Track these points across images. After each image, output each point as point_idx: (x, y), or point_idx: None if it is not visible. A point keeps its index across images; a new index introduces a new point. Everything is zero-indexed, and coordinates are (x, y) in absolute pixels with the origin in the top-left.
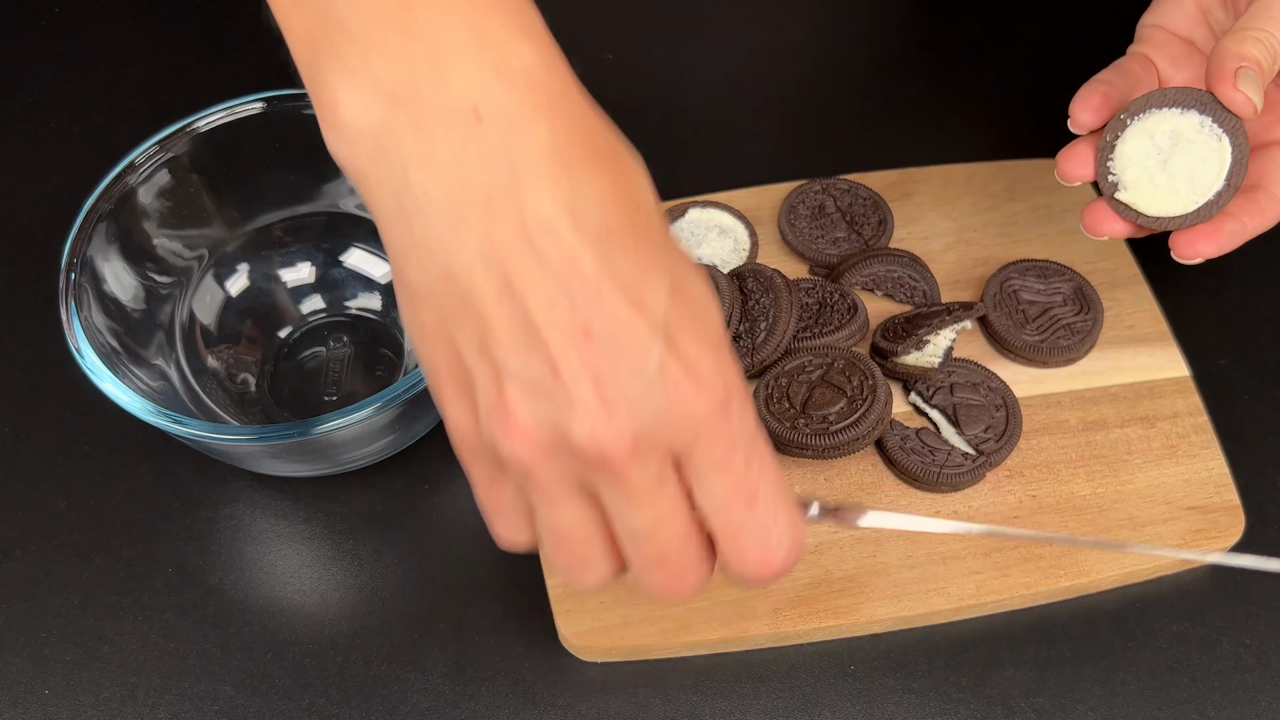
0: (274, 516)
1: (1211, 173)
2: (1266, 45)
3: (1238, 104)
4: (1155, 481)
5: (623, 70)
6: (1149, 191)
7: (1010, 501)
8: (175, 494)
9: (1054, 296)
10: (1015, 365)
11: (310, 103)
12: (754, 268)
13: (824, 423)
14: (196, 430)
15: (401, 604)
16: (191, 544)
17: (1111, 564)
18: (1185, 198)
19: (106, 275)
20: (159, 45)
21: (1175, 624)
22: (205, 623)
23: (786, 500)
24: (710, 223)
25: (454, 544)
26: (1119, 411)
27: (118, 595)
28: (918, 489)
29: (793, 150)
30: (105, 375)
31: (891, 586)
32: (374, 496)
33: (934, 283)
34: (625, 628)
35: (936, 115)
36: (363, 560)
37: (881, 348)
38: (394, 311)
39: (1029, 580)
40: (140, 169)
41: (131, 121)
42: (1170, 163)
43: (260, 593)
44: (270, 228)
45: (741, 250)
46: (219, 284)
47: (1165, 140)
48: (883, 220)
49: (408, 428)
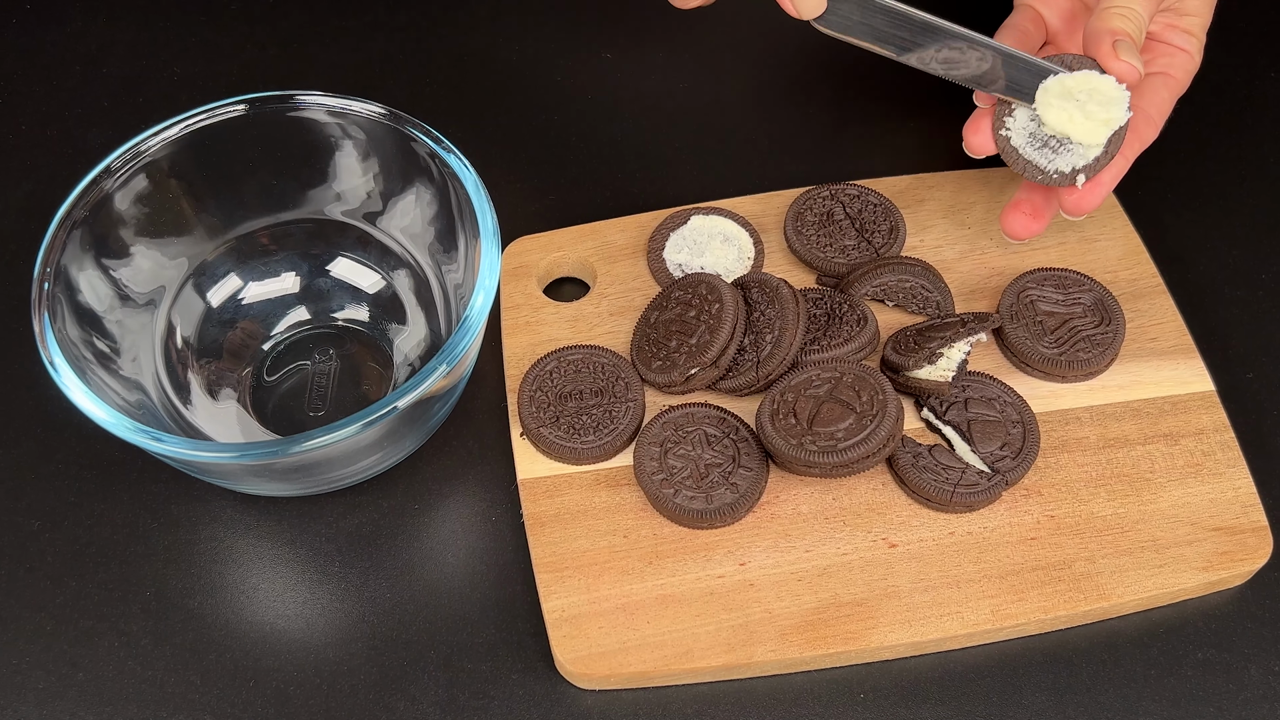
0: (257, 538)
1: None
2: (1131, 20)
3: (1122, 72)
4: (1179, 501)
5: (622, 70)
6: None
7: (1027, 522)
8: (153, 514)
9: (1073, 307)
10: (1032, 379)
11: (294, 104)
12: (759, 277)
13: (832, 440)
14: (175, 447)
15: (390, 629)
16: (170, 566)
17: (1134, 587)
18: (1074, 154)
19: (81, 285)
20: (135, 43)
21: (1201, 650)
22: (184, 649)
23: None
24: (713, 230)
25: (445, 567)
26: (1141, 428)
27: (93, 620)
28: (930, 509)
29: (800, 154)
30: (80, 389)
31: (903, 611)
32: (361, 517)
33: (947, 293)
34: (624, 654)
35: (950, 117)
36: (349, 584)
37: (892, 361)
38: (383, 323)
39: (1047, 604)
40: (116, 174)
41: (107, 123)
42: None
43: (242, 618)
44: (253, 235)
45: (746, 259)
46: (199, 294)
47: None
48: (894, 227)
49: (397, 445)
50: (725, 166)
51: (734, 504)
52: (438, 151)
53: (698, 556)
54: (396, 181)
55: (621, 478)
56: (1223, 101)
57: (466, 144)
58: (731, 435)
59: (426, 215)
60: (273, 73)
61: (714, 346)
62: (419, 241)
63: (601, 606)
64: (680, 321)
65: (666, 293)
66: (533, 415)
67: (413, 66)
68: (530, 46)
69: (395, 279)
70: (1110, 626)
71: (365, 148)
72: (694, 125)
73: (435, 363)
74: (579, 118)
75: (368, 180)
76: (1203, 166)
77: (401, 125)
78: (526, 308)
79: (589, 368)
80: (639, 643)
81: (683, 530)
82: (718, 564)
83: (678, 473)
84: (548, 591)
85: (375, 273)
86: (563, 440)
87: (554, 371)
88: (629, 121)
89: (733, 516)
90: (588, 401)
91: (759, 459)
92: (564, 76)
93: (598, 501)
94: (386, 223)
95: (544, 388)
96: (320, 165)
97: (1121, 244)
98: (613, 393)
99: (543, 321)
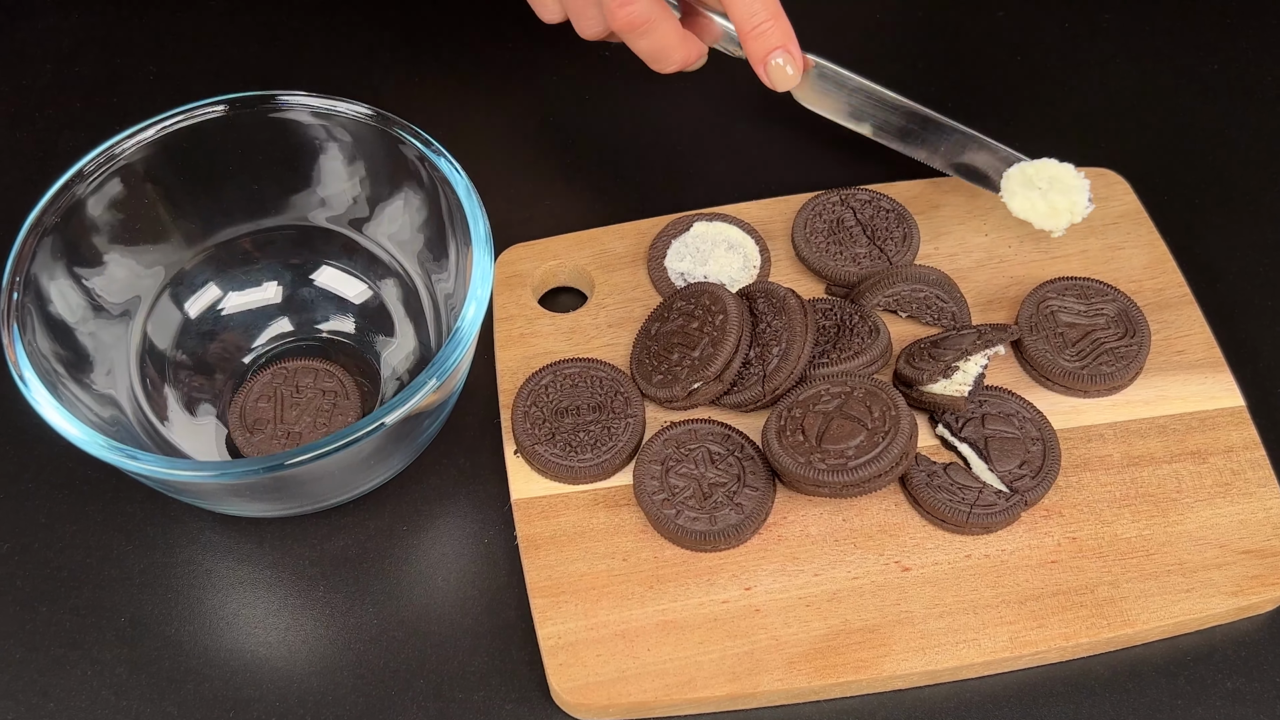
0: (237, 561)
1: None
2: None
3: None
4: (1207, 522)
5: (622, 68)
6: None
7: (1048, 544)
8: (128, 536)
9: (1096, 319)
10: (1053, 394)
11: (276, 105)
12: (765, 287)
13: (842, 458)
14: (151, 466)
15: (377, 657)
16: (146, 591)
17: (1160, 613)
18: None
19: (52, 295)
20: (109, 40)
21: (1230, 679)
22: (161, 678)
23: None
24: (717, 237)
25: (435, 591)
26: (1167, 445)
27: (65, 648)
28: (945, 530)
29: (808, 157)
30: (51, 405)
31: (917, 637)
32: (347, 539)
33: (964, 303)
34: (624, 682)
35: (967, 118)
36: (334, 609)
37: (906, 375)
38: (369, 335)
39: (1068, 631)
40: (89, 178)
41: (79, 125)
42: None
43: (222, 645)
44: (233, 243)
45: (751, 267)
46: (177, 305)
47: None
48: (907, 234)
49: (384, 463)
50: (729, 170)
51: (739, 525)
52: (427, 154)
53: (701, 581)
54: (384, 186)
55: (621, 498)
56: (1253, 104)
57: (457, 146)
58: (736, 453)
59: (415, 221)
60: (254, 71)
61: (718, 360)
62: (407, 249)
63: (600, 633)
64: (682, 333)
65: (668, 303)
66: (527, 432)
67: (401, 65)
68: (524, 43)
69: (383, 288)
70: (1135, 655)
71: (351, 150)
72: (696, 126)
73: (425, 377)
74: (576, 118)
75: (354, 184)
76: (1232, 171)
77: (389, 127)
78: (521, 319)
79: (586, 382)
80: (639, 671)
81: (685, 553)
82: (722, 588)
83: (680, 492)
84: (543, 617)
85: (362, 282)
86: (559, 458)
87: (550, 386)
88: (628, 123)
89: (738, 538)
90: (585, 418)
91: (765, 478)
92: (559, 77)
93: (596, 523)
94: (373, 229)
95: (539, 403)
96: (304, 169)
97: (1147, 252)
98: (611, 408)
99: (538, 333)
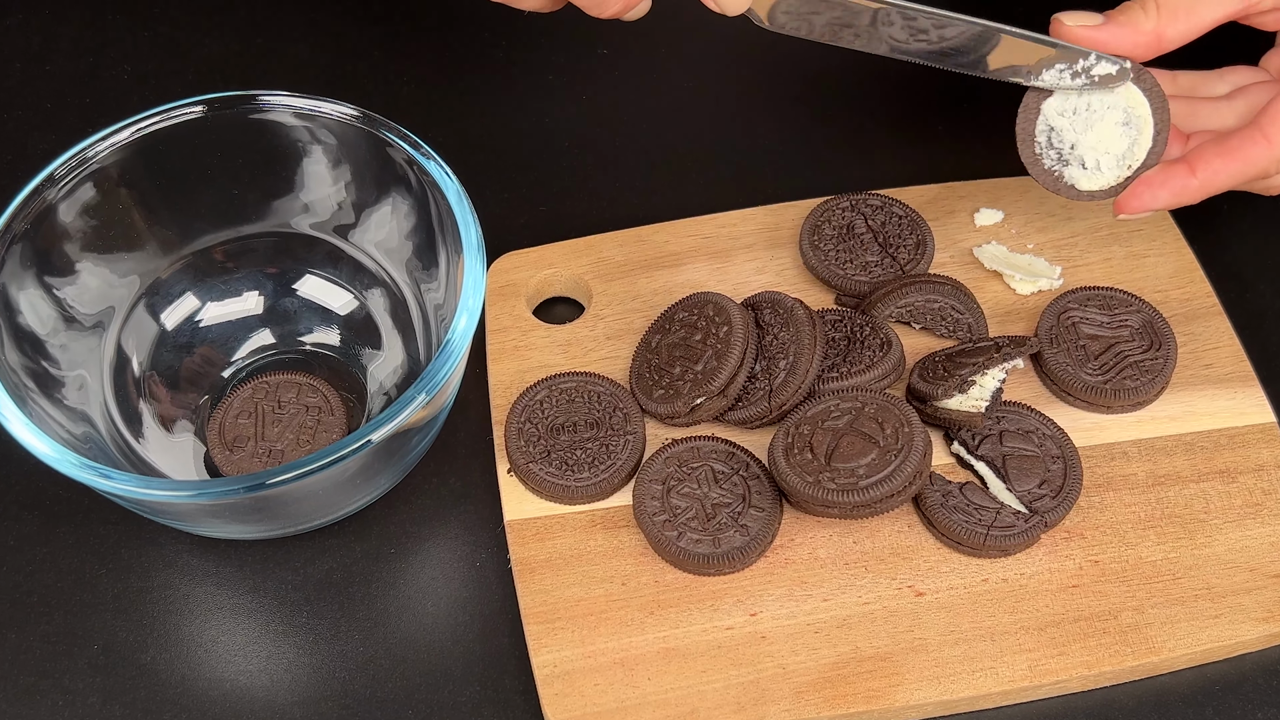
0: (216, 585)
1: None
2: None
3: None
4: (1236, 545)
5: (620, 67)
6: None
7: (1069, 568)
8: (101, 559)
9: (1119, 330)
10: (1074, 410)
11: (257, 106)
12: (772, 297)
13: (852, 477)
14: (126, 485)
15: (363, 686)
16: (120, 617)
17: (1187, 640)
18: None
19: (22, 306)
20: (82, 38)
21: (1261, 710)
22: (136, 708)
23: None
24: (1117, 103)
25: (424, 617)
26: (1194, 464)
27: (35, 677)
28: (962, 553)
29: (816, 161)
30: (20, 420)
31: (932, 666)
32: (332, 562)
33: (980, 315)
34: (623, 713)
35: (983, 120)
36: (319, 636)
37: (919, 390)
38: (355, 348)
39: (1090, 659)
40: (61, 182)
41: (50, 127)
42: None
43: (199, 674)
44: (211, 251)
45: (1133, 159)
46: (152, 316)
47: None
48: (921, 242)
49: (371, 482)
50: (734, 174)
51: (744, 548)
52: (416, 158)
53: (704, 606)
54: (370, 191)
55: (620, 519)
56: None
57: (448, 150)
58: (741, 472)
59: (404, 228)
60: (234, 71)
61: (722, 374)
62: (395, 257)
63: (597, 661)
64: (684, 346)
65: (669, 314)
66: (521, 450)
67: (388, 64)
68: (518, 43)
69: (369, 299)
70: (1160, 683)
71: (336, 153)
72: (699, 128)
73: (413, 391)
74: (572, 120)
75: (339, 190)
76: None
77: (376, 129)
78: (514, 330)
79: (583, 397)
80: (639, 701)
81: (687, 577)
82: (726, 614)
83: (682, 513)
84: (538, 645)
85: (347, 292)
86: (554, 477)
87: (545, 401)
88: (627, 125)
89: (743, 561)
90: (582, 434)
91: (771, 498)
92: (555, 75)
93: (593, 545)
94: (359, 236)
95: (534, 419)
96: (286, 173)
97: (1173, 260)
98: (610, 425)
99: (532, 346)
